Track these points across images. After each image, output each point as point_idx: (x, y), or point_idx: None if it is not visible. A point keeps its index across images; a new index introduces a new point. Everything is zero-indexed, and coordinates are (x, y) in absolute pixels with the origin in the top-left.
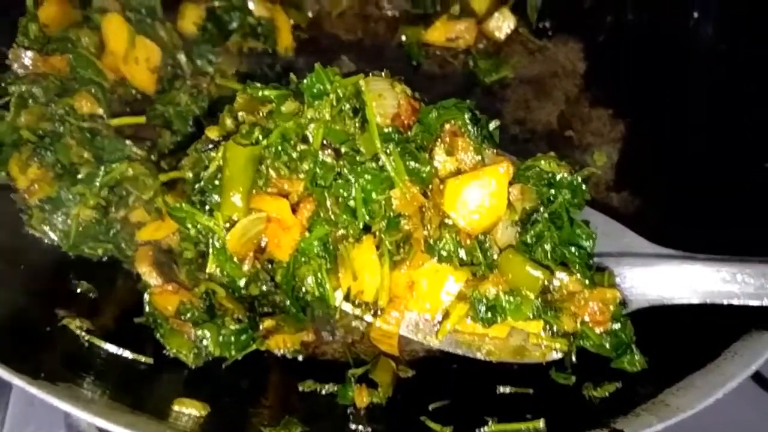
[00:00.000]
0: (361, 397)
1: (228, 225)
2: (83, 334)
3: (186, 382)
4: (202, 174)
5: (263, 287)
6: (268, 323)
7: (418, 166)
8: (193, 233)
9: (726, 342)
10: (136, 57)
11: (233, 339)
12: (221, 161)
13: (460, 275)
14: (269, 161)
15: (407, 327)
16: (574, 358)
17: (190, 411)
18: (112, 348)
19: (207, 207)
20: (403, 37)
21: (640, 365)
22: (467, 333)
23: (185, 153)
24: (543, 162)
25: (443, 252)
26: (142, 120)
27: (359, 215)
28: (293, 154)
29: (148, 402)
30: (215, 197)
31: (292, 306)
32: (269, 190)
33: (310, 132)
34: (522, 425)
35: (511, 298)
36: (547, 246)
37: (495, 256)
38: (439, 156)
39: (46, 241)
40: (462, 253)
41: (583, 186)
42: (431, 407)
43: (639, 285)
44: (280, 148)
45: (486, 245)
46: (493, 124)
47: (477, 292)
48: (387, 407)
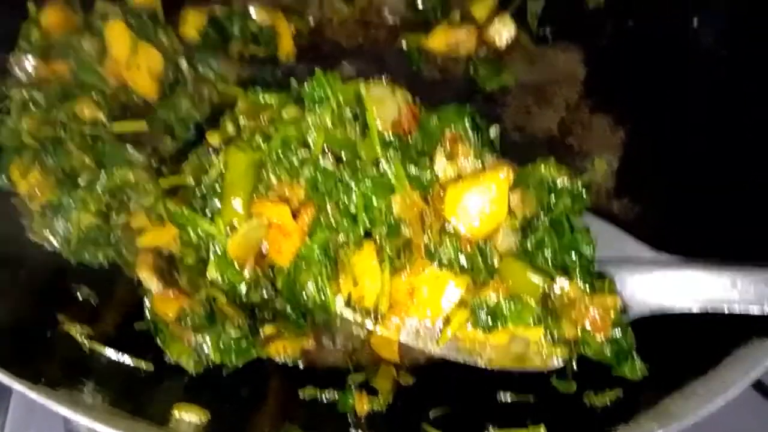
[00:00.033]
0: (362, 404)
1: (229, 230)
2: (84, 339)
3: (186, 388)
4: (203, 179)
5: (264, 294)
6: (268, 330)
7: (418, 171)
8: (194, 239)
9: (727, 349)
10: (138, 63)
11: (234, 345)
12: (222, 167)
13: (460, 281)
14: (270, 167)
15: (408, 333)
16: (575, 365)
17: (190, 417)
18: (112, 354)
19: (208, 212)
20: (404, 44)
21: (641, 372)
22: (468, 340)
23: (186, 158)
24: (543, 168)
25: (444, 258)
26: (143, 126)
27: (360, 221)
28: (294, 159)
29: (148, 408)
30: (216, 203)
31: (292, 312)
32: (270, 195)
33: (310, 138)
34: None
35: (512, 304)
36: (548, 252)
37: (496, 262)
38: (440, 162)
39: (47, 247)
40: (462, 260)
41: (584, 192)
42: (432, 414)
43: (640, 292)
44: (280, 153)
45: (487, 251)
46: (494, 130)
47: (477, 298)
48: (387, 414)
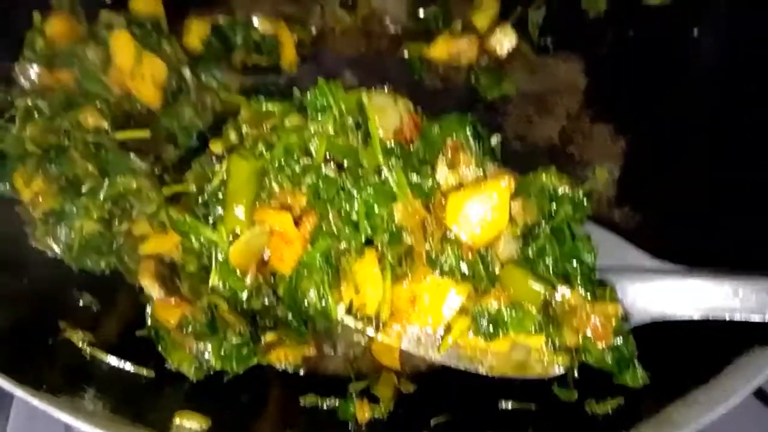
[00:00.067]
0: (363, 412)
1: (231, 238)
2: (85, 346)
3: (187, 395)
4: (205, 187)
5: (265, 301)
6: (269, 337)
7: (420, 179)
8: (197, 246)
9: (728, 358)
10: (142, 73)
11: (235, 352)
12: (225, 175)
13: (461, 289)
14: (272, 175)
15: (409, 341)
16: (576, 373)
17: (191, 424)
18: (113, 360)
19: (210, 220)
20: (406, 53)
21: (642, 380)
22: (469, 347)
23: (189, 166)
24: (544, 176)
25: (445, 266)
26: (146, 134)
27: (362, 229)
28: (296, 167)
29: (149, 414)
30: (219, 210)
31: (293, 320)
32: (272, 203)
33: (313, 146)
34: None
35: (513, 312)
36: (549, 260)
37: (497, 270)
38: (441, 170)
39: (49, 254)
40: (464, 267)
41: (585, 200)
42: (433, 422)
43: (641, 300)
44: (283, 161)
45: (488, 259)
46: (495, 138)
47: (479, 306)
48: (388, 422)
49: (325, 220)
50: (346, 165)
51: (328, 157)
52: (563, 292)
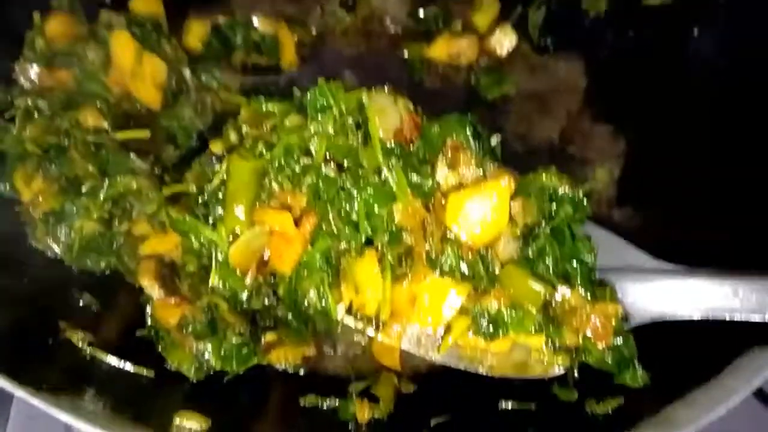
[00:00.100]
0: (363, 412)
1: (231, 238)
2: (85, 346)
3: (187, 395)
4: (205, 187)
5: (265, 301)
6: (269, 337)
7: (420, 179)
8: (196, 246)
9: (728, 358)
10: (142, 73)
11: (235, 352)
12: (225, 175)
13: (461, 289)
14: (272, 175)
15: (409, 341)
16: (576, 373)
17: (191, 424)
18: (113, 361)
19: (210, 220)
20: (406, 54)
21: (642, 380)
22: (469, 347)
23: (189, 166)
24: (544, 176)
25: (445, 266)
26: (146, 134)
27: (362, 229)
28: (296, 167)
29: (149, 415)
30: (219, 210)
31: (293, 320)
32: (272, 203)
33: (313, 146)
34: None
35: (513, 312)
36: (549, 260)
37: (497, 270)
38: (441, 170)
39: (49, 254)
40: (464, 267)
41: (585, 201)
42: (433, 422)
43: (641, 300)
44: (283, 161)
45: (488, 259)
46: (495, 138)
47: (479, 306)
48: (388, 422)
49: (325, 220)
50: (346, 165)
51: (328, 157)
52: (563, 292)
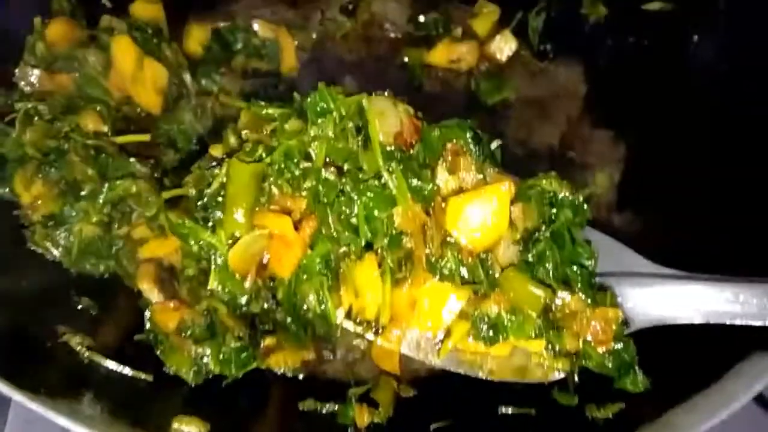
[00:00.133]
0: (362, 417)
1: (230, 242)
2: (83, 350)
3: (186, 399)
4: (205, 191)
5: (264, 305)
6: (268, 341)
7: (420, 184)
8: (196, 250)
9: (729, 363)
10: (143, 78)
11: (234, 357)
12: (224, 178)
13: (461, 294)
14: (272, 179)
15: (408, 345)
16: (576, 378)
17: (189, 429)
18: (112, 365)
19: (210, 223)
20: (406, 59)
21: (642, 385)
22: (469, 352)
23: (189, 170)
24: (545, 181)
25: (445, 270)
26: (146, 138)
27: (361, 233)
28: (296, 171)
29: (147, 419)
30: (218, 214)
31: (292, 324)
32: (272, 207)
33: (313, 149)
34: None
35: (513, 317)
36: (549, 265)
37: (497, 274)
38: (442, 175)
39: (48, 257)
40: (464, 272)
41: (585, 205)
42: (432, 427)
43: (641, 304)
44: (283, 165)
45: (488, 264)
46: (495, 143)
47: (479, 310)
48: (388, 427)
49: (325, 224)
50: (346, 169)
51: (328, 161)
52: (563, 296)
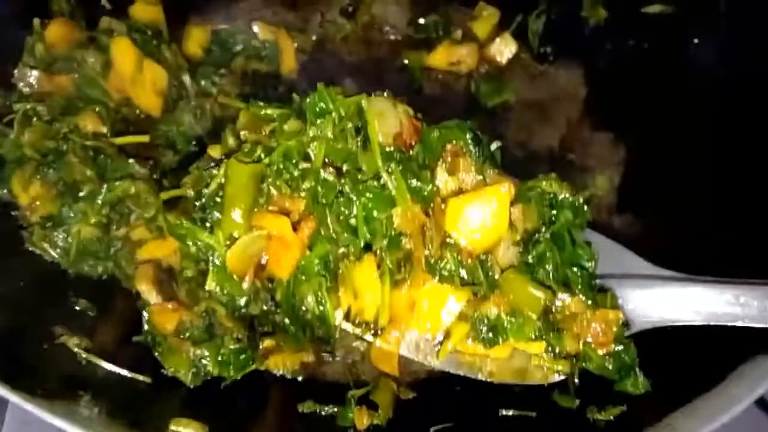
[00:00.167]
0: (362, 419)
1: (228, 242)
2: (81, 351)
3: (184, 401)
4: (203, 191)
5: (263, 306)
6: (267, 343)
7: (419, 184)
8: (194, 250)
9: (732, 365)
10: (143, 80)
11: (233, 358)
12: (223, 179)
13: (461, 295)
14: (271, 179)
15: (407, 347)
16: (576, 380)
17: (187, 431)
18: (109, 366)
19: (208, 224)
20: (406, 61)
21: (643, 388)
22: (468, 353)
23: (187, 171)
24: (545, 183)
25: (444, 271)
26: (145, 139)
27: (360, 234)
28: (295, 172)
29: (145, 421)
30: (216, 214)
31: (291, 325)
32: (270, 208)
33: (312, 150)
34: None
35: (513, 318)
36: (549, 266)
37: (496, 276)
38: (441, 176)
39: (46, 258)
40: (463, 273)
41: (585, 207)
42: (432, 430)
43: (642, 306)
44: (281, 166)
45: (487, 265)
46: (495, 144)
47: (478, 312)
48: (387, 429)
49: (324, 224)
50: (345, 169)
51: (327, 162)
52: (563, 298)
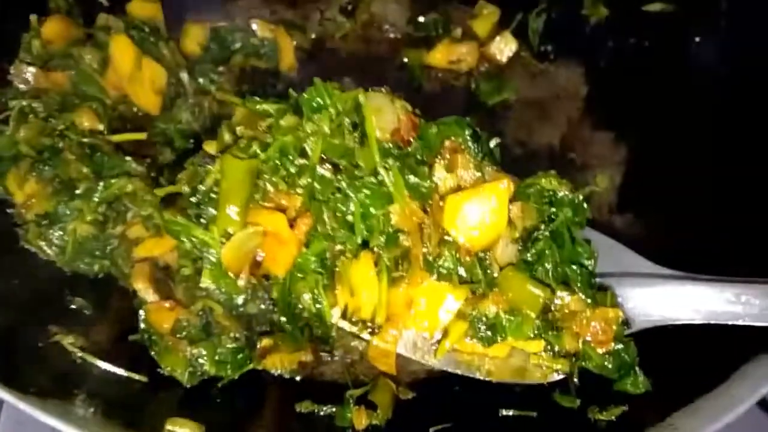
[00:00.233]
0: (360, 419)
1: (224, 239)
2: (76, 350)
3: (180, 401)
4: (198, 187)
5: (261, 305)
6: (265, 342)
7: (417, 180)
8: (188, 247)
9: (734, 365)
10: (142, 79)
11: (230, 358)
12: (218, 174)
13: (459, 293)
14: (267, 175)
15: (405, 345)
16: (576, 379)
17: (183, 431)
18: (105, 365)
19: (203, 220)
20: (405, 60)
21: (643, 387)
22: (466, 352)
23: (183, 168)
24: (544, 180)
25: (442, 269)
26: (142, 136)
27: (357, 230)
28: (291, 168)
29: (141, 421)
30: (211, 210)
31: (288, 323)
32: (266, 204)
33: (308, 146)
34: None
35: (512, 317)
36: (548, 264)
37: (495, 274)
38: (439, 173)
39: (41, 257)
40: (461, 271)
41: (585, 204)
42: (432, 430)
43: (642, 305)
44: (278, 162)
45: (486, 263)
46: (494, 141)
47: (477, 310)
48: (386, 429)
49: (321, 221)
50: (342, 165)
51: (323, 158)
52: (563, 296)
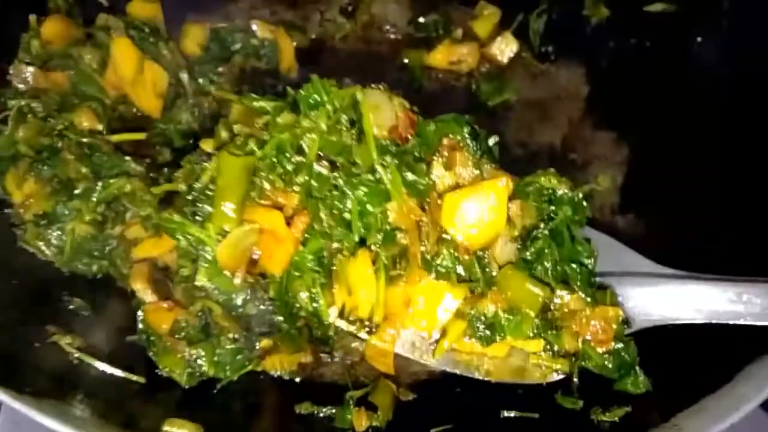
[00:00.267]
0: (360, 421)
1: (220, 237)
2: (73, 351)
3: (179, 402)
4: (195, 185)
5: (261, 306)
6: (264, 343)
7: (415, 178)
8: (184, 245)
9: (739, 365)
10: (143, 81)
11: (229, 359)
12: (215, 171)
13: (458, 292)
14: (264, 173)
15: (403, 345)
16: (576, 379)
17: None
18: (103, 366)
19: (199, 218)
20: (406, 60)
21: (643, 387)
22: (465, 352)
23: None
24: (543, 178)
25: (441, 268)
26: (142, 136)
27: (354, 228)
28: (288, 165)
29: (138, 422)
30: (207, 208)
31: (285, 323)
32: (263, 202)
33: (305, 143)
34: None
35: (511, 316)
36: (548, 263)
37: (494, 272)
38: (438, 170)
39: (39, 257)
40: (460, 269)
41: (584, 202)
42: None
43: (642, 304)
44: (275, 159)
45: (485, 261)
46: (492, 139)
47: (475, 309)
48: (387, 431)
49: (318, 219)
50: (339, 163)
51: (320, 155)
52: (562, 295)
